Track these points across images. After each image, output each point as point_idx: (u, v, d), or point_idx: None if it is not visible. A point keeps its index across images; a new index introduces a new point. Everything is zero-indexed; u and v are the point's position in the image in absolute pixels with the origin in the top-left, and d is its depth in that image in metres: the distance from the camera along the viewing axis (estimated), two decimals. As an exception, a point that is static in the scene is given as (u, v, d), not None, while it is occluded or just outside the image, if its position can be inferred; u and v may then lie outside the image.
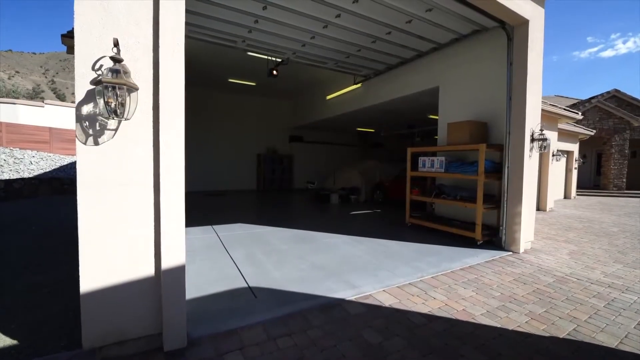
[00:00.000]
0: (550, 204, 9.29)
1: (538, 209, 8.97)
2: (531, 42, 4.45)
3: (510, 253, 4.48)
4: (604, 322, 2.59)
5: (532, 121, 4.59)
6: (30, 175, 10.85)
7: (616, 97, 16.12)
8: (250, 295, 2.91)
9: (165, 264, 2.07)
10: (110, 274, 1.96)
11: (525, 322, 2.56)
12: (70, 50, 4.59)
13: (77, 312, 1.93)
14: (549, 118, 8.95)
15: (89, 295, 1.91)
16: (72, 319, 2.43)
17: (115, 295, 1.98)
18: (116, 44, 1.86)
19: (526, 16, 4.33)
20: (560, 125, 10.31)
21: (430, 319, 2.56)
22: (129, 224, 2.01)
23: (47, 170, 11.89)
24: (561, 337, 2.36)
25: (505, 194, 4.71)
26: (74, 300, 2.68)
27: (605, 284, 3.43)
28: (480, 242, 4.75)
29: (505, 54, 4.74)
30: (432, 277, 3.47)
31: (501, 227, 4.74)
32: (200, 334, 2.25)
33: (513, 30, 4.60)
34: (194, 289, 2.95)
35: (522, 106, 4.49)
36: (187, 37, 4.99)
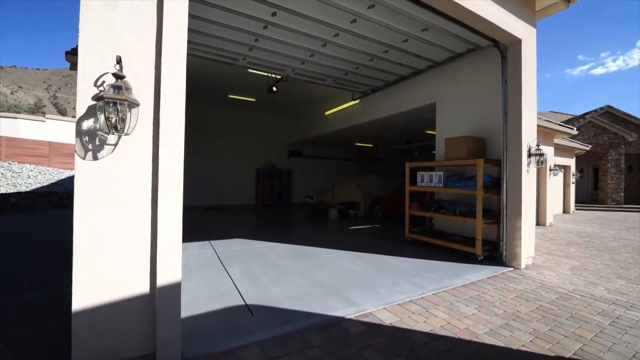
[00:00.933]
0: (549, 219, 9.27)
1: (537, 223, 8.94)
2: (524, 60, 4.57)
3: (512, 269, 4.42)
4: (610, 340, 2.53)
5: (529, 136, 4.64)
6: (28, 189, 10.79)
7: (609, 113, 16.43)
8: (248, 314, 2.84)
9: (161, 281, 2.02)
10: (104, 292, 1.92)
11: (530, 341, 2.49)
12: (74, 66, 4.68)
13: (69, 331, 1.86)
14: (544, 133, 9.08)
15: (82, 313, 1.85)
16: (63, 337, 2.34)
17: (109, 314, 1.93)
18: (119, 61, 1.90)
19: (518, 36, 4.47)
20: (556, 141, 10.44)
21: (432, 338, 2.49)
22: (126, 240, 1.98)
23: (45, 184, 11.85)
24: (567, 356, 2.29)
25: (505, 209, 4.70)
26: (66, 318, 2.60)
27: (609, 300, 3.37)
28: (481, 257, 4.70)
29: (499, 71, 4.86)
30: (433, 294, 3.40)
31: (501, 243, 4.71)
32: (195, 354, 2.17)
33: (506, 48, 4.73)
34: (189, 307, 2.87)
35: (518, 122, 4.56)
36: (188, 54, 5.10)
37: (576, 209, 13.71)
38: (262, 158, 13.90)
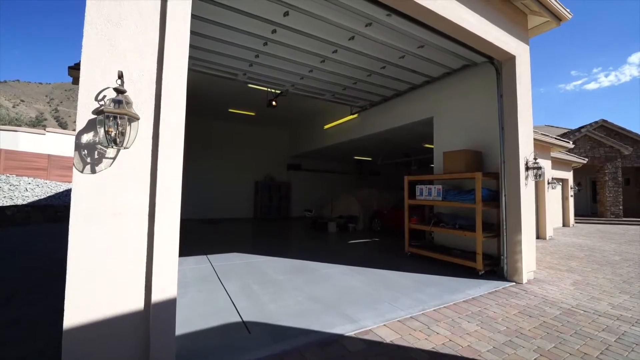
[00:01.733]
0: (549, 232, 9.22)
1: (538, 237, 8.88)
2: (519, 76, 4.67)
3: (513, 283, 4.36)
4: (616, 358, 2.46)
5: (526, 150, 4.68)
6: (24, 202, 10.72)
7: (604, 127, 16.65)
8: (244, 331, 2.76)
9: (156, 297, 1.98)
10: (97, 308, 1.86)
11: (534, 358, 2.42)
12: (76, 81, 4.74)
13: (59, 349, 1.80)
14: (541, 147, 9.16)
15: (73, 330, 1.80)
16: (54, 356, 2.26)
17: (101, 331, 1.87)
18: (120, 76, 1.92)
19: (512, 52, 4.58)
20: (553, 154, 10.53)
21: (434, 357, 2.42)
22: (121, 255, 1.95)
23: (42, 197, 11.78)
24: (573, 376, 2.23)
25: (504, 222, 4.67)
26: (57, 335, 2.52)
27: (614, 316, 3.31)
28: (482, 272, 4.64)
29: (495, 86, 4.95)
30: (434, 310, 3.33)
31: (502, 257, 4.65)
32: (189, 374, 2.10)
33: (501, 65, 4.84)
34: (185, 324, 2.80)
35: (515, 135, 4.60)
36: (189, 69, 5.21)
37: (576, 222, 13.67)
38: (261, 171, 13.91)
